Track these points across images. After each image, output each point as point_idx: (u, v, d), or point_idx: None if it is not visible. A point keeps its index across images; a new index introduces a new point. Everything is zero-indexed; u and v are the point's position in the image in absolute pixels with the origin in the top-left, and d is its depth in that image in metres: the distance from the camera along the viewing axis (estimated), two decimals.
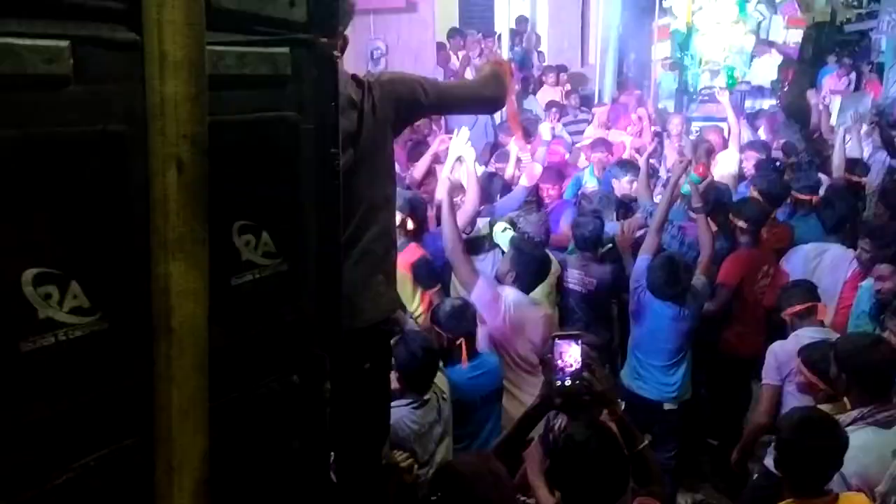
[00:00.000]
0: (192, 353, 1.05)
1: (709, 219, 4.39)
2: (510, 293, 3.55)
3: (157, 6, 0.96)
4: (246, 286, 1.16)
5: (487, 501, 1.96)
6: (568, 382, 2.19)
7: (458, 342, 3.12)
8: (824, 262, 4.39)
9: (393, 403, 2.53)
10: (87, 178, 0.94)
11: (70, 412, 0.97)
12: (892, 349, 2.90)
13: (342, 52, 1.94)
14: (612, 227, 4.63)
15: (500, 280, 3.70)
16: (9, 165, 0.86)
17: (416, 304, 3.82)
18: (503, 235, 4.13)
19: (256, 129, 1.14)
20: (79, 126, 0.92)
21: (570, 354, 2.20)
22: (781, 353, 3.51)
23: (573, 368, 2.19)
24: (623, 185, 5.19)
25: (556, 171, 5.46)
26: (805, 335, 3.52)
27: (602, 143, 6.24)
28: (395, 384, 2.67)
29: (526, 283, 3.61)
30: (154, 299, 1.01)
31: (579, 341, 2.22)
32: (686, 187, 4.61)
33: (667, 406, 3.96)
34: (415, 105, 2.12)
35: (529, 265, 3.63)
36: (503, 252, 4.01)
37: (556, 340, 2.22)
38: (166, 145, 0.98)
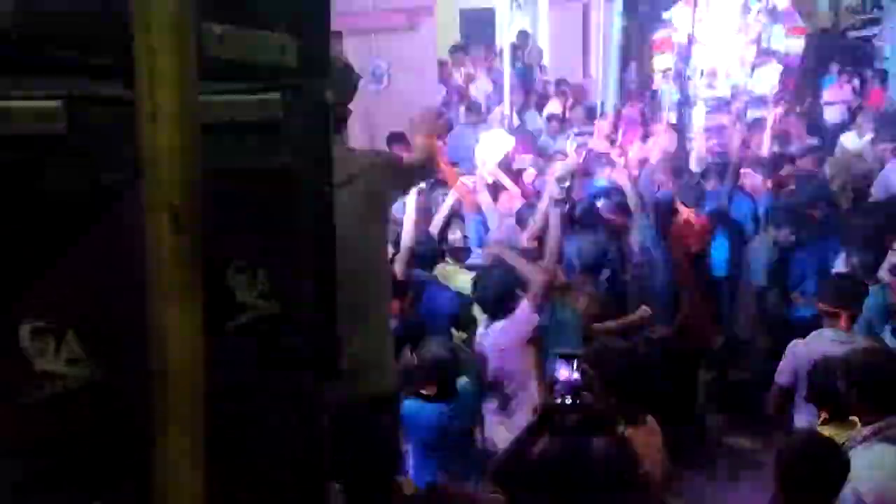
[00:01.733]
0: (189, 398, 1.06)
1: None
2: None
3: (149, 60, 0.97)
4: (242, 328, 1.17)
5: None
6: (568, 401, 2.20)
7: None
8: None
9: None
10: (81, 231, 0.96)
11: (69, 461, 0.98)
12: None
13: (345, 121, 2.14)
14: None
15: None
16: (3, 223, 0.88)
17: None
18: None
19: (250, 173, 1.16)
20: (73, 180, 0.95)
21: (571, 373, 2.21)
22: (800, 354, 3.45)
23: (572, 387, 2.20)
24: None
25: None
26: (825, 336, 3.48)
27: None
28: None
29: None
30: (150, 346, 1.03)
31: (579, 360, 2.23)
32: None
33: None
34: (408, 186, 2.57)
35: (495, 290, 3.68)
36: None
37: (558, 358, 2.24)
38: (160, 195, 1.00)
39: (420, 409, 3.21)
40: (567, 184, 4.55)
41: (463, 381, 3.42)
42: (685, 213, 5.08)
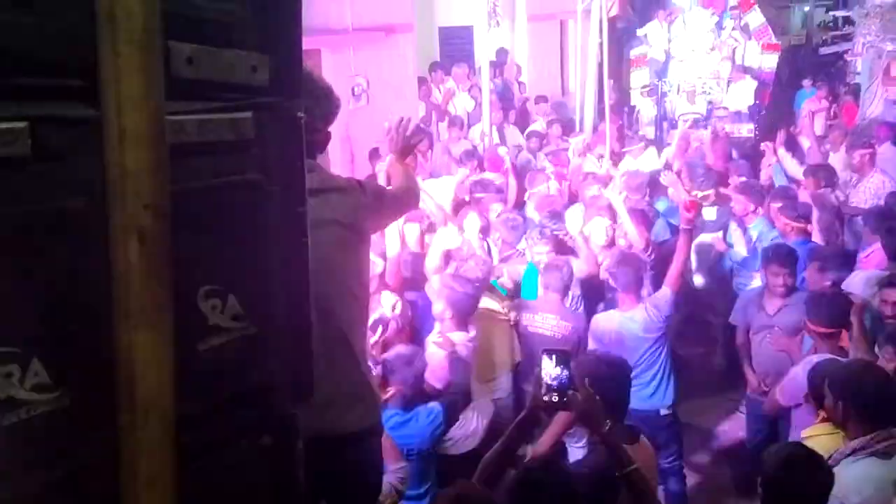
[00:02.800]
0: (157, 423, 1.04)
1: None
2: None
3: (115, 81, 0.96)
4: (213, 351, 1.15)
5: None
6: (555, 399, 2.20)
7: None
8: None
9: None
10: (46, 255, 0.94)
11: (36, 490, 0.95)
12: (888, 376, 2.89)
13: (324, 147, 2.11)
14: None
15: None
16: None
17: None
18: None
19: (220, 193, 1.15)
20: (38, 203, 0.93)
21: (558, 371, 2.20)
22: (801, 379, 3.43)
23: (559, 385, 2.19)
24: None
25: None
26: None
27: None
28: None
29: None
30: (118, 371, 1.01)
31: (567, 358, 2.22)
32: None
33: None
34: (388, 217, 2.49)
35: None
36: None
37: (545, 356, 2.22)
38: (127, 217, 0.99)
39: None
40: None
41: (432, 405, 3.39)
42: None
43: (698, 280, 5.92)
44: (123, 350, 1.01)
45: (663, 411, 4.19)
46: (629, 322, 4.13)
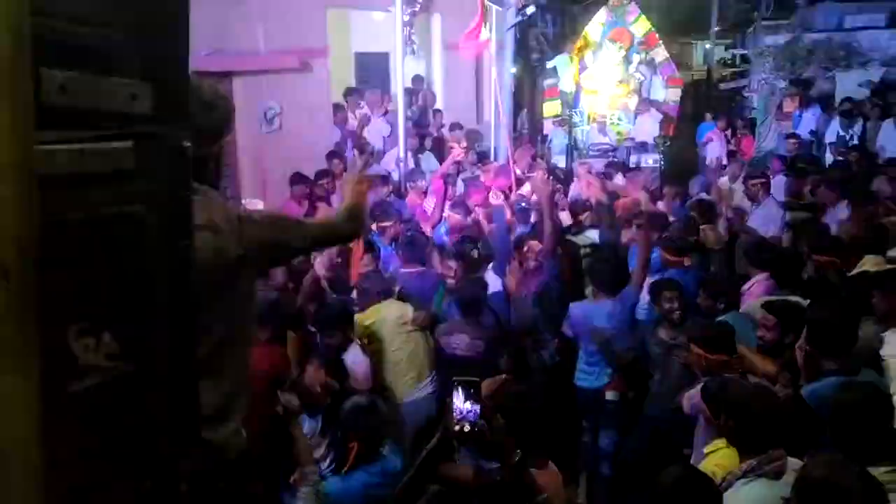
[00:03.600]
0: (22, 471, 0.98)
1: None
2: None
3: None
4: (86, 392, 1.09)
5: None
6: (467, 428, 2.21)
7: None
8: None
9: None
10: None
11: None
12: (778, 399, 3.01)
13: (217, 160, 1.91)
14: None
15: None
16: None
17: None
18: None
19: (95, 227, 1.09)
20: None
21: (469, 400, 2.21)
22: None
23: (469, 416, 2.21)
24: None
25: None
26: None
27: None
28: None
29: None
30: None
31: (476, 389, 2.24)
32: None
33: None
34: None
35: None
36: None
37: (456, 386, 2.24)
38: None
39: (344, 483, 2.97)
40: None
41: (386, 448, 3.23)
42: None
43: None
44: None
45: (609, 395, 4.53)
46: (597, 312, 4.58)
